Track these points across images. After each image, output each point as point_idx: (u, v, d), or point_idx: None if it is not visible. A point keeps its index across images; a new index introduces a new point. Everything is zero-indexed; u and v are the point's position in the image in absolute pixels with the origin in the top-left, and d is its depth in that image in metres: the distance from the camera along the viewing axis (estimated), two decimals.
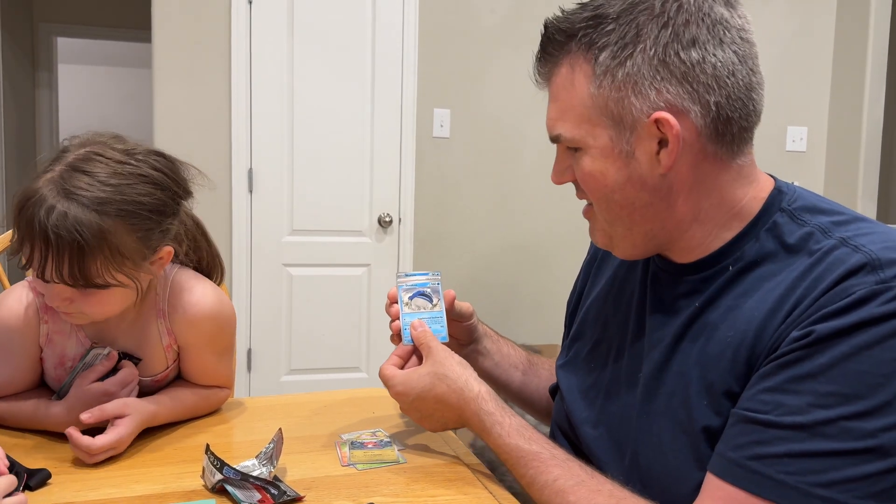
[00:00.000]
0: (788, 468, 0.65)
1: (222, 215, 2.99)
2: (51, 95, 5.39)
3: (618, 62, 0.74)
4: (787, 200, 0.78)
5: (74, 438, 0.91)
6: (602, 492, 0.77)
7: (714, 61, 0.72)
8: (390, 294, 1.03)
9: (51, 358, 1.03)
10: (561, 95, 0.79)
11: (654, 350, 0.82)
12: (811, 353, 0.66)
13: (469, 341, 1.13)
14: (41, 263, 0.90)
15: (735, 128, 0.75)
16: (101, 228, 0.89)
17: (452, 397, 0.91)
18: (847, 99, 3.50)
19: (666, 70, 0.73)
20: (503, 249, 3.38)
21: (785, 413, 0.66)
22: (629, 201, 0.79)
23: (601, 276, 1.01)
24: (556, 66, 0.79)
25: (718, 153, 0.76)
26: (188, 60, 2.91)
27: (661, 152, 0.75)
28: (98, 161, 0.92)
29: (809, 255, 0.73)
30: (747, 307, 0.74)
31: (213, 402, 1.13)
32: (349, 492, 0.85)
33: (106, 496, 0.83)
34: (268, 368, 3.09)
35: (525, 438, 0.85)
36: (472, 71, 3.25)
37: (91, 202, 0.89)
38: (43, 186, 0.89)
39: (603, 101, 0.75)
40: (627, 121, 0.75)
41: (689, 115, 0.74)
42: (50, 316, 1.01)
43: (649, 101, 0.73)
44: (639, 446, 0.81)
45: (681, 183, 0.77)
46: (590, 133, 0.77)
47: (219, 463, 0.82)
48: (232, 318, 1.11)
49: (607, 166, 0.78)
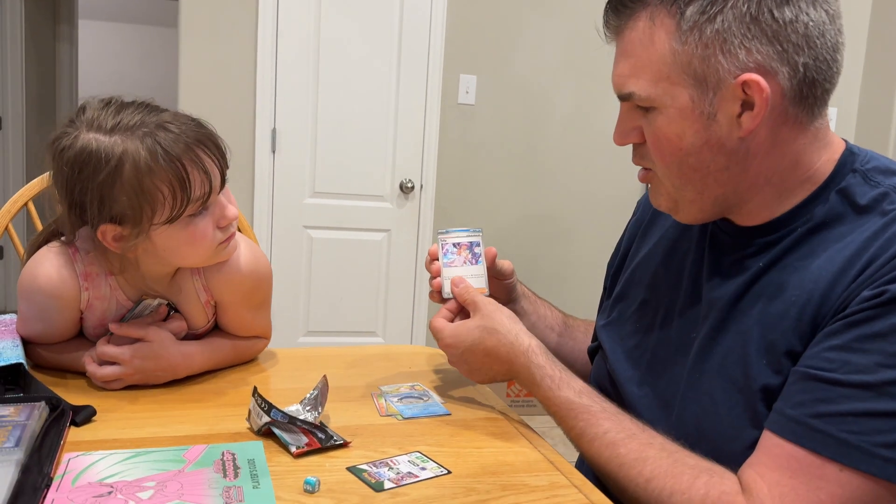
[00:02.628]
0: (852, 427, 0.64)
1: (245, 175, 2.98)
2: (71, 50, 5.36)
3: (707, 17, 0.70)
4: (859, 161, 0.77)
5: (86, 363, 0.97)
6: (653, 444, 0.77)
7: (806, 20, 0.70)
8: (431, 251, 1.03)
9: (91, 319, 1.02)
10: (636, 51, 0.75)
11: (712, 310, 0.81)
12: (882, 313, 0.65)
13: (508, 300, 1.13)
14: (211, 173, 0.92)
15: (819, 90, 0.73)
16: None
17: (503, 350, 0.91)
18: (879, 81, 3.44)
19: (757, 28, 0.69)
20: (525, 220, 3.37)
21: (851, 371, 0.65)
22: (704, 164, 0.76)
23: (649, 237, 1.00)
24: (632, 18, 0.75)
25: (799, 116, 0.74)
26: (215, 19, 2.89)
27: (743, 115, 0.72)
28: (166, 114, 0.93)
29: (882, 215, 0.72)
30: (815, 267, 0.73)
31: (252, 352, 1.13)
32: (394, 440, 0.85)
33: (151, 434, 0.84)
34: (285, 329, 3.10)
35: (575, 391, 0.85)
36: (501, 37, 3.21)
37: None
38: (150, 132, 0.89)
39: (687, 59, 0.72)
40: (712, 80, 0.72)
41: (777, 77, 0.71)
42: (90, 283, 0.98)
43: (738, 60, 0.70)
44: (688, 404, 0.81)
45: (758, 146, 0.75)
46: (668, 92, 0.74)
47: (266, 406, 0.82)
48: (268, 273, 1.10)
49: (685, 128, 0.74)
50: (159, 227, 0.91)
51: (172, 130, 0.89)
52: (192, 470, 0.74)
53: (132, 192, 0.88)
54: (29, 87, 4.71)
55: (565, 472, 0.79)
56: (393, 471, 0.77)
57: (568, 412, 0.84)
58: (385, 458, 0.80)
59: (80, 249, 0.98)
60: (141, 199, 0.88)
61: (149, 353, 0.97)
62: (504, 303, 1.12)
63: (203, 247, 0.96)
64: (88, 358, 0.97)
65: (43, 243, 1.01)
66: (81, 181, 0.88)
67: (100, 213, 0.90)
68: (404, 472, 0.77)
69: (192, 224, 0.93)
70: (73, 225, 0.94)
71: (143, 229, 0.90)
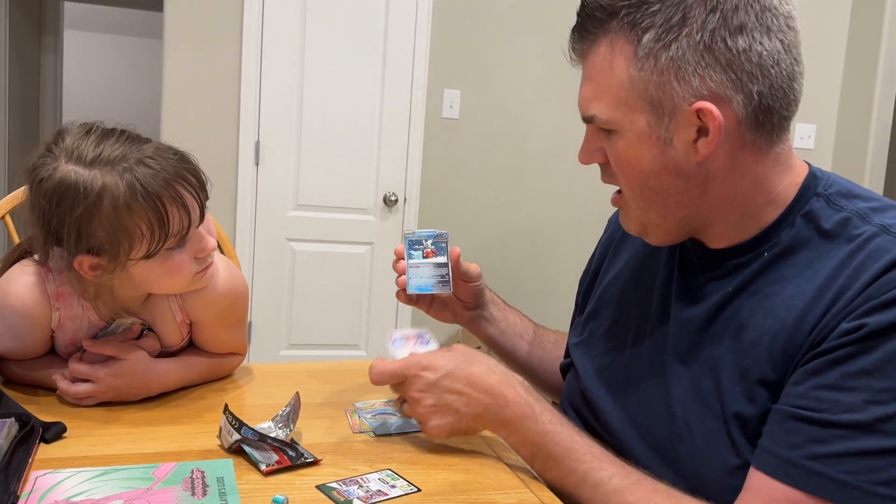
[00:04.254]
0: (849, 467, 0.65)
1: (228, 187, 2.98)
2: (56, 61, 5.34)
3: (662, 45, 0.71)
4: (822, 185, 0.78)
5: (56, 380, 0.96)
6: (659, 491, 0.75)
7: (760, 49, 0.71)
8: (397, 250, 1.04)
9: (62, 339, 1.01)
10: (598, 75, 0.77)
11: (683, 333, 0.82)
12: (864, 349, 0.66)
13: (475, 305, 1.13)
14: (190, 208, 0.91)
15: (775, 117, 0.74)
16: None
17: (493, 379, 0.83)
18: (857, 98, 3.50)
19: (711, 56, 0.71)
20: (508, 234, 3.38)
21: (841, 411, 0.66)
22: (664, 187, 0.77)
23: (620, 255, 1.01)
24: (594, 44, 0.77)
25: (757, 142, 0.75)
26: (199, 31, 2.89)
27: (699, 140, 0.73)
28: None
29: (848, 241, 0.72)
30: (785, 294, 0.74)
31: (227, 368, 1.13)
32: (365, 457, 0.85)
33: (121, 451, 0.83)
34: (267, 342, 3.09)
35: (577, 432, 0.82)
36: (485, 52, 3.24)
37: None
38: (130, 168, 0.87)
39: (643, 85, 0.73)
40: (667, 107, 0.73)
41: (731, 104, 0.72)
42: (62, 302, 0.97)
43: (692, 87, 0.72)
44: (663, 427, 0.81)
45: (717, 170, 0.76)
46: (626, 117, 0.75)
47: (237, 423, 0.82)
48: (244, 291, 1.10)
49: (643, 152, 0.76)
50: (137, 262, 0.91)
51: (152, 166, 0.88)
52: (161, 488, 0.74)
53: (110, 227, 0.87)
54: (12, 97, 4.68)
55: (534, 490, 0.80)
56: (363, 489, 0.77)
57: (569, 453, 0.79)
58: (355, 476, 0.80)
59: (52, 269, 0.97)
60: (119, 235, 0.87)
61: (122, 370, 0.96)
62: (472, 308, 1.13)
63: (180, 277, 0.96)
64: (59, 375, 0.96)
65: (17, 260, 1.00)
66: (59, 213, 0.87)
67: (77, 244, 0.89)
68: (374, 491, 0.77)
69: (170, 258, 0.93)
70: (48, 247, 0.94)
71: (120, 263, 0.90)
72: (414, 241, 1.02)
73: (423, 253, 1.02)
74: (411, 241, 1.02)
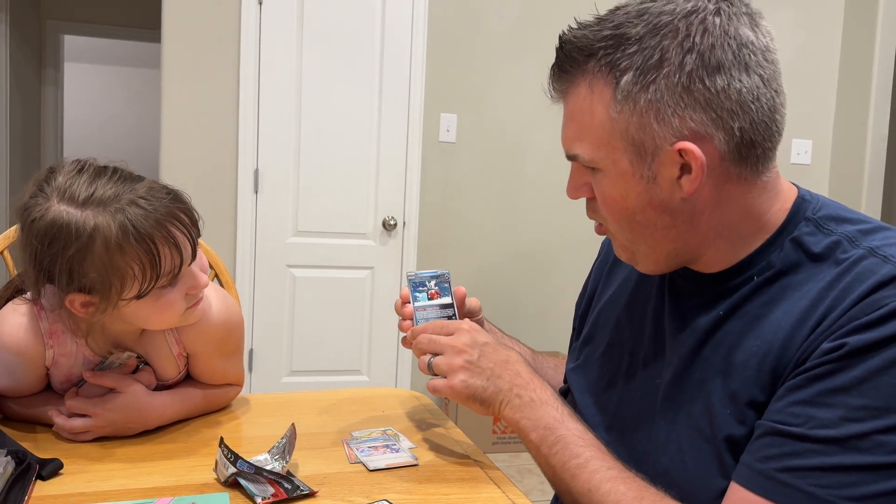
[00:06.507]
0: (820, 481, 0.65)
1: (227, 215, 2.99)
2: (56, 93, 5.40)
3: (640, 87, 0.71)
4: (811, 209, 0.78)
5: (52, 416, 0.96)
6: (650, 489, 0.76)
7: (739, 87, 0.71)
8: (403, 294, 1.04)
9: (57, 376, 1.01)
10: (578, 116, 0.77)
11: (674, 356, 0.82)
12: (843, 367, 0.66)
13: None
14: (182, 248, 0.91)
15: (759, 150, 0.74)
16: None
17: (524, 366, 0.89)
18: (852, 113, 3.51)
19: (690, 97, 0.71)
20: (507, 256, 3.39)
21: (816, 426, 0.66)
22: (651, 222, 0.77)
23: (613, 278, 1.01)
24: (573, 84, 0.77)
25: (743, 174, 0.75)
26: (197, 60, 2.92)
27: (682, 178, 0.74)
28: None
29: (836, 264, 0.73)
30: (774, 317, 0.74)
31: (224, 400, 1.13)
32: (362, 488, 0.85)
33: (118, 487, 0.83)
34: (269, 369, 3.08)
35: (584, 423, 0.85)
36: (480, 76, 3.26)
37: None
38: (122, 208, 0.88)
39: (623, 126, 0.73)
40: (649, 147, 0.73)
41: (713, 142, 0.72)
42: (55, 340, 0.98)
43: (672, 128, 0.72)
44: (655, 452, 0.81)
45: (704, 204, 0.76)
46: (609, 156, 0.76)
47: (233, 456, 0.82)
48: (239, 322, 1.10)
49: (628, 190, 0.76)
50: (128, 301, 0.91)
51: (144, 207, 0.88)
52: None
53: (102, 267, 0.87)
54: (13, 129, 4.72)
55: None
56: None
57: (577, 439, 0.82)
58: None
59: (45, 307, 0.97)
60: (111, 275, 0.88)
61: (119, 404, 0.96)
62: None
63: (171, 314, 0.96)
64: (55, 411, 0.97)
65: (9, 298, 1.01)
66: (51, 253, 0.87)
67: (68, 284, 0.89)
68: None
69: (161, 296, 0.93)
70: (39, 285, 0.94)
71: (111, 302, 0.90)
72: (417, 283, 1.02)
73: (428, 294, 1.02)
74: (415, 283, 1.02)
